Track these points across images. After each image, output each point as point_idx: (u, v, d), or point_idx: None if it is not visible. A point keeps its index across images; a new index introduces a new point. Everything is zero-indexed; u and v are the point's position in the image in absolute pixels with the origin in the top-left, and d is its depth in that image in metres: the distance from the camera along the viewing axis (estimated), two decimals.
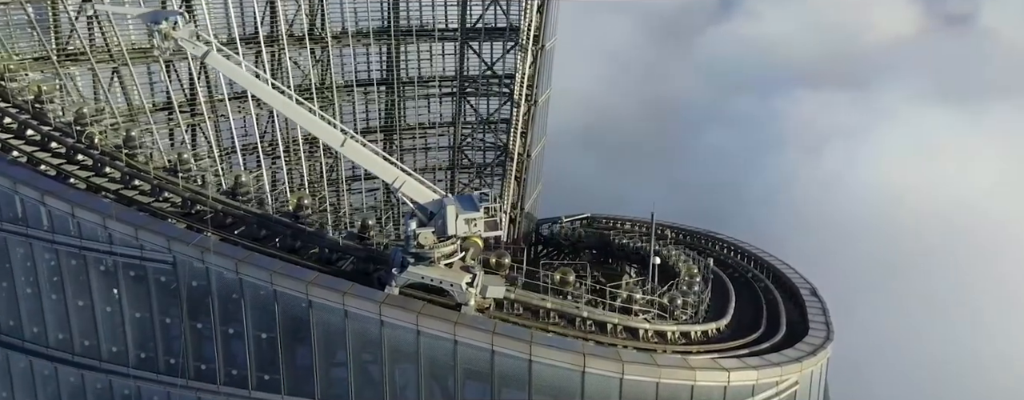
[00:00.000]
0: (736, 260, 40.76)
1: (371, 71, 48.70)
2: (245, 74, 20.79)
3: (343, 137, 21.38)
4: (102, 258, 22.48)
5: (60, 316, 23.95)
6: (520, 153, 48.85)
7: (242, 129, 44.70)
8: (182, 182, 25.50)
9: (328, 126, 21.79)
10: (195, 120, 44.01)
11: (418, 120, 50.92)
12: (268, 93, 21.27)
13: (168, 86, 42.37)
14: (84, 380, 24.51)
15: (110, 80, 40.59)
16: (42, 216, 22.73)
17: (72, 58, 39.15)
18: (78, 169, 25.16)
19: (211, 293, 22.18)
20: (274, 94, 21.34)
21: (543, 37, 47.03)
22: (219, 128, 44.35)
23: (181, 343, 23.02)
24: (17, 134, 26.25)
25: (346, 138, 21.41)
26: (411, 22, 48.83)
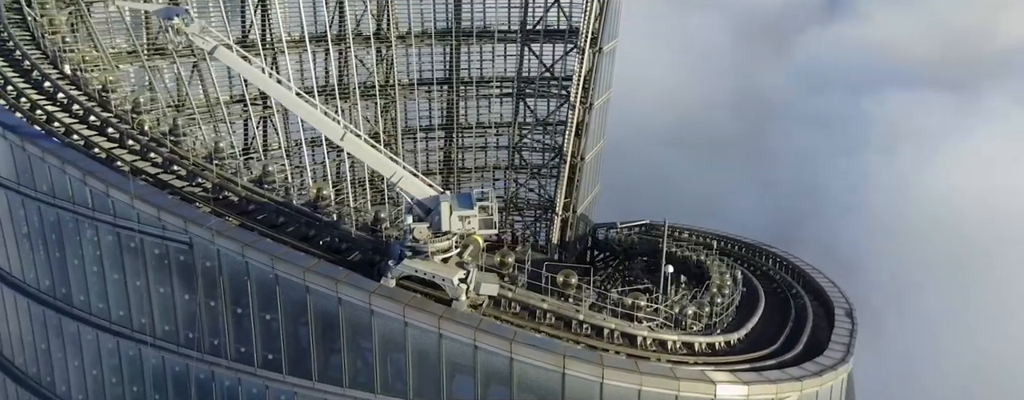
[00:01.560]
0: (783, 275, 39.73)
1: (434, 71, 50.28)
2: (252, 69, 22.29)
3: (342, 131, 22.52)
4: (132, 236, 24.61)
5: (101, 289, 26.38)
6: (574, 155, 49.07)
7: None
8: (216, 169, 27.54)
9: (329, 120, 22.97)
10: (266, 113, 46.98)
11: (478, 119, 52.09)
12: (274, 87, 22.67)
13: (243, 81, 45.40)
14: (119, 347, 26.90)
15: (190, 74, 44.03)
16: (87, 195, 25.10)
17: (160, 53, 42.73)
18: (126, 153, 27.58)
19: (222, 274, 23.87)
20: (279, 88, 22.71)
21: (601, 39, 47.03)
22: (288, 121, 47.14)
23: (197, 319, 24.88)
24: (82, 119, 29.05)
25: (345, 132, 22.54)
26: (474, 23, 50.06)
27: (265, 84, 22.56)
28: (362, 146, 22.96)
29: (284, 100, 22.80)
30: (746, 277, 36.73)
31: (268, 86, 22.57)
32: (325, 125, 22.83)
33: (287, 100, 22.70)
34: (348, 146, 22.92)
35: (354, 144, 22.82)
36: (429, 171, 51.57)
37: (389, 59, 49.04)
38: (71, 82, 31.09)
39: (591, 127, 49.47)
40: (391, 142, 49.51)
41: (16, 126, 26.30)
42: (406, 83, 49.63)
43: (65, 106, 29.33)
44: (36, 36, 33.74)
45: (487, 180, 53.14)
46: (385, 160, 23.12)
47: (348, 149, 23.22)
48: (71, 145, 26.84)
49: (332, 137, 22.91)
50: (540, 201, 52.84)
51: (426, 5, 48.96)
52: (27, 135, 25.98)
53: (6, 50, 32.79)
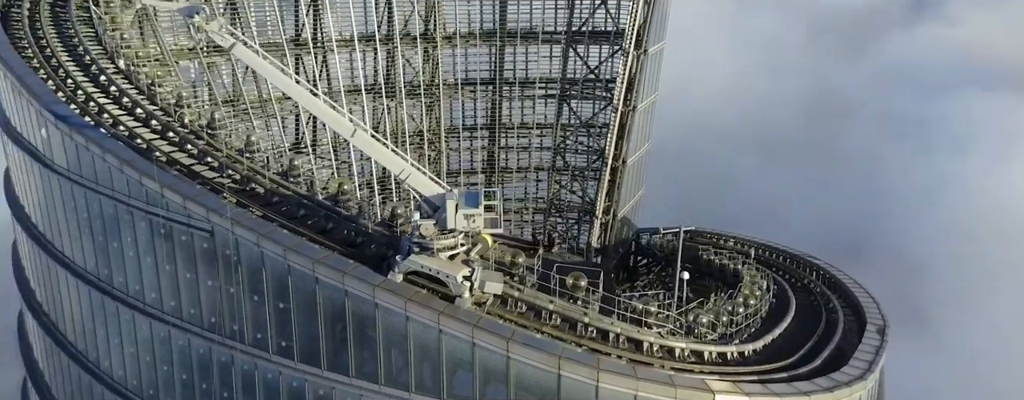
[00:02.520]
0: (822, 288, 38.76)
1: (479, 71, 50.90)
2: (268, 66, 23.25)
3: (353, 128, 23.26)
4: (162, 223, 26.05)
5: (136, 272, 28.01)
6: (616, 159, 48.84)
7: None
8: (247, 161, 28.82)
9: (341, 117, 23.74)
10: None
11: (523, 120, 52.40)
12: (289, 84, 23.56)
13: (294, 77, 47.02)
14: (151, 328, 28.49)
15: (244, 71, 45.95)
16: (124, 183, 26.70)
17: (217, 50, 44.76)
18: (166, 144, 29.18)
19: (240, 262, 25.01)
20: (294, 86, 23.59)
21: (647, 41, 46.63)
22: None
23: (219, 305, 26.13)
24: (129, 111, 30.85)
25: (356, 129, 23.26)
26: (519, 24, 50.42)
27: (281, 81, 23.53)
28: (372, 143, 23.65)
29: (299, 97, 23.73)
30: (779, 288, 36.01)
31: (283, 83, 23.53)
32: (337, 122, 23.62)
33: (301, 97, 23.61)
34: (359, 142, 23.65)
35: (364, 141, 23.53)
36: (472, 170, 52.29)
37: (435, 59, 49.88)
38: (125, 76, 33.03)
39: (634, 130, 49.05)
40: (435, 141, 50.41)
41: (67, 116, 28.17)
42: (451, 83, 50.41)
43: (116, 99, 31.19)
44: (98, 32, 35.92)
45: (529, 181, 53.39)
46: (394, 157, 23.74)
47: (359, 145, 23.95)
48: (116, 136, 28.56)
49: (344, 133, 23.69)
50: (581, 204, 52.77)
51: (473, 6, 49.61)
52: (75, 125, 27.81)
53: (71, 45, 35.06)
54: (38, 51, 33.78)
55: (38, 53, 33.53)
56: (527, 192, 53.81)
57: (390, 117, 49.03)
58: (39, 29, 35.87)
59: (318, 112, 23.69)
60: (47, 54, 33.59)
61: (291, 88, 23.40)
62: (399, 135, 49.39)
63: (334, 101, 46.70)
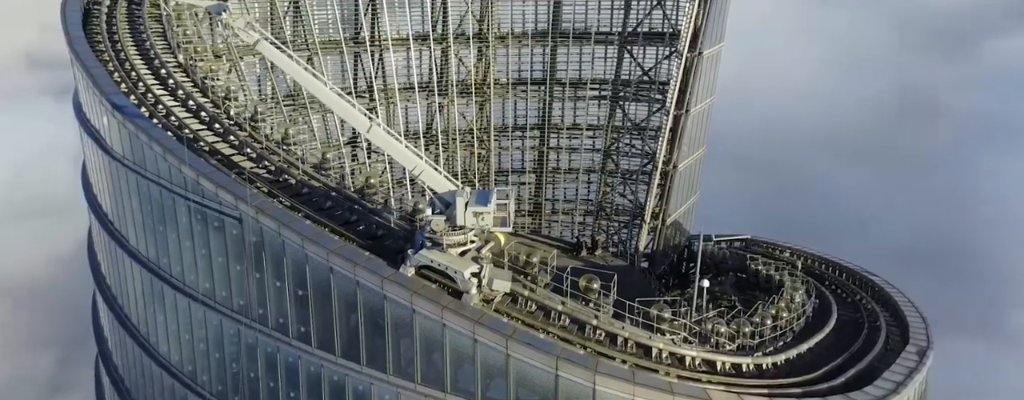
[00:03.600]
0: (874, 304, 37.34)
1: (533, 71, 51.14)
2: (290, 62, 24.28)
3: (369, 123, 24.03)
4: (200, 209, 27.62)
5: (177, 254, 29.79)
6: (666, 163, 48.22)
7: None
8: (283, 153, 30.16)
9: (357, 113, 24.54)
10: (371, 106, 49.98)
11: (575, 121, 52.30)
12: (309, 80, 24.54)
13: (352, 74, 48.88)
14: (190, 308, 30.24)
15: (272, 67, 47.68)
16: (168, 170, 28.43)
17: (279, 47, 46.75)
18: (211, 135, 30.87)
19: (264, 249, 26.24)
20: (314, 81, 24.55)
21: (701, 44, 45.84)
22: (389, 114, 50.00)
23: (246, 289, 27.48)
24: (183, 103, 32.79)
25: (371, 124, 24.02)
26: (575, 25, 50.41)
27: (301, 76, 24.54)
28: (387, 139, 24.38)
29: (318, 92, 24.66)
30: (823, 302, 34.89)
31: (304, 78, 24.54)
32: (354, 117, 24.44)
33: (320, 92, 24.55)
34: (374, 138, 24.41)
35: (380, 136, 24.27)
36: (520, 170, 52.62)
37: (488, 58, 50.46)
38: (183, 70, 35.10)
39: (687, 134, 48.28)
40: (485, 139, 51.03)
41: (123, 106, 30.21)
42: (504, 82, 50.90)
43: (172, 91, 33.21)
44: (165, 28, 38.28)
45: (579, 183, 53.25)
46: (408, 153, 24.39)
47: (374, 141, 24.71)
48: (166, 126, 30.43)
49: (359, 129, 24.51)
50: (631, 207, 52.26)
51: (528, 6, 49.94)
52: (129, 114, 29.79)
53: (140, 40, 37.50)
54: (110, 45, 36.28)
55: (109, 47, 36.01)
56: (577, 194, 53.70)
57: (442, 115, 50.00)
58: (114, 25, 38.52)
59: (336, 107, 24.60)
60: (117, 48, 36.04)
61: (311, 83, 24.39)
62: (450, 133, 50.30)
63: (389, 98, 49.26)
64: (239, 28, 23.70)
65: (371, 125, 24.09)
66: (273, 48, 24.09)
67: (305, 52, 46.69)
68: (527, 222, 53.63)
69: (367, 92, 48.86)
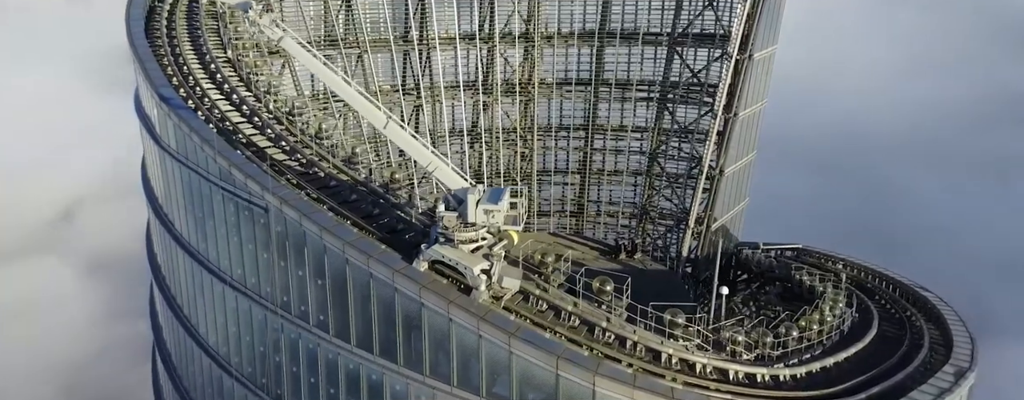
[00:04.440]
0: (923, 322, 35.98)
1: (580, 71, 51.01)
2: (311, 58, 25.07)
3: (386, 119, 24.61)
4: (231, 198, 28.86)
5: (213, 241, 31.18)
6: (712, 167, 47.41)
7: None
8: (316, 147, 31.16)
9: (374, 108, 25.14)
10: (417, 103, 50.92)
11: (621, 122, 51.86)
12: (329, 76, 25.29)
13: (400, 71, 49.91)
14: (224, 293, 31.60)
15: (355, 64, 49.16)
16: (206, 160, 29.79)
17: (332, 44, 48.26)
18: (250, 127, 32.16)
19: (288, 238, 27.21)
20: (334, 77, 25.28)
21: (752, 46, 44.89)
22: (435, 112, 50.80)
23: (272, 276, 28.55)
24: (227, 97, 34.27)
25: (388, 121, 24.59)
26: (624, 25, 50.03)
27: (323, 73, 25.33)
28: (403, 135, 24.92)
29: (338, 89, 25.38)
30: (865, 317, 33.77)
31: (325, 75, 25.31)
32: (372, 114, 25.07)
33: (341, 89, 25.26)
34: (390, 134, 24.97)
35: (396, 133, 24.84)
36: (562, 170, 52.54)
37: (533, 58, 50.60)
38: (232, 66, 36.65)
39: (735, 139, 47.37)
40: (528, 138, 51.20)
41: (170, 98, 31.81)
42: (549, 82, 50.95)
43: (219, 85, 34.74)
44: (219, 24, 40.01)
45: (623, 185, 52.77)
46: (423, 150, 24.87)
47: (391, 137, 25.28)
48: (208, 118, 31.87)
49: (377, 125, 25.12)
50: (675, 212, 51.51)
51: (577, 6, 49.85)
52: (174, 106, 31.35)
53: (195, 36, 39.34)
54: (167, 41, 38.20)
55: (166, 42, 37.93)
56: (623, 196, 53.26)
57: (486, 114, 50.49)
58: (174, 21, 40.52)
59: (355, 103, 25.28)
60: (173, 43, 37.92)
61: (332, 80, 25.16)
62: (494, 132, 50.72)
63: (435, 96, 50.06)
64: (264, 25, 24.68)
65: (388, 121, 24.67)
66: (296, 45, 24.98)
67: (354, 49, 48.05)
68: (569, 223, 53.55)
69: (414, 90, 49.81)
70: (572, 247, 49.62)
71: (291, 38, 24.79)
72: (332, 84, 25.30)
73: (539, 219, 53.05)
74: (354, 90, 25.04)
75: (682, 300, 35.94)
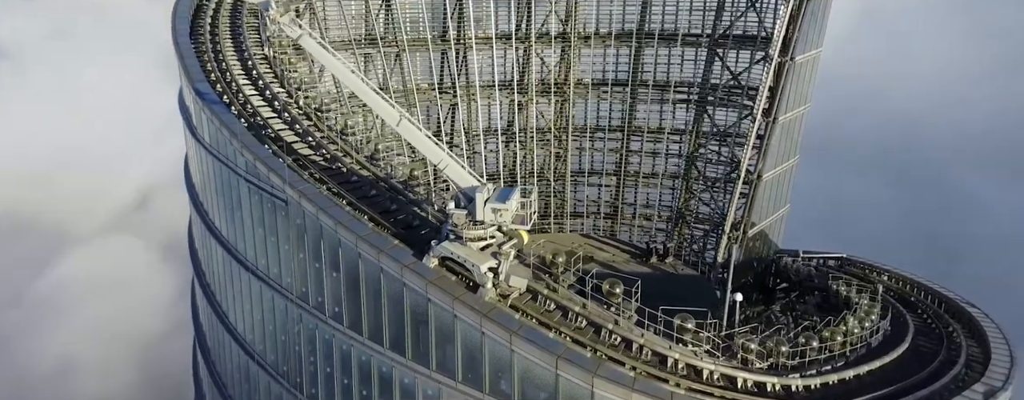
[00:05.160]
0: (964, 339, 34.90)
1: (618, 72, 50.61)
2: (328, 56, 25.57)
3: (399, 117, 25.01)
4: (256, 190, 29.77)
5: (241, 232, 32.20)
6: (750, 172, 46.53)
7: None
8: (341, 143, 31.87)
9: (388, 106, 25.55)
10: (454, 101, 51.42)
11: (660, 124, 51.26)
12: (345, 73, 25.74)
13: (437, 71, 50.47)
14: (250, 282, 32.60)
15: (393, 62, 49.97)
16: (235, 153, 30.79)
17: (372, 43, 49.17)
18: (280, 122, 33.08)
19: (306, 231, 27.93)
20: (350, 75, 25.74)
21: (794, 49, 43.88)
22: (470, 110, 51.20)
23: (292, 267, 29.33)
24: (260, 92, 35.32)
25: (401, 118, 24.99)
26: (664, 25, 49.47)
27: (338, 70, 25.83)
28: (415, 132, 25.29)
29: (354, 86, 25.86)
30: (899, 331, 32.82)
31: (341, 72, 25.80)
32: (386, 111, 25.51)
33: (356, 86, 25.74)
34: (403, 131, 25.37)
35: (409, 130, 25.22)
36: (598, 172, 52.25)
37: (569, 58, 50.48)
38: (268, 62, 37.74)
39: (775, 143, 46.37)
40: (562, 137, 51.12)
41: (205, 93, 32.99)
42: (586, 83, 50.76)
43: (254, 81, 35.84)
44: (259, 23, 41.21)
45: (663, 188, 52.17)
46: (434, 147, 25.18)
47: (403, 134, 25.66)
48: (240, 113, 32.92)
49: (390, 122, 25.54)
50: (712, 216, 50.67)
51: (616, 7, 49.53)
52: (208, 101, 32.49)
53: (237, 33, 40.64)
54: (210, 37, 39.59)
55: (209, 39, 39.31)
56: (659, 199, 52.68)
57: (521, 113, 50.62)
58: (218, 18, 41.95)
59: (369, 100, 25.74)
60: (215, 40, 39.27)
61: (347, 77, 25.67)
62: (528, 131, 50.80)
63: (471, 95, 50.46)
64: (284, 24, 25.38)
65: (400, 119, 25.09)
66: (314, 43, 25.60)
67: (393, 48, 48.86)
68: (603, 225, 53.25)
69: (451, 88, 50.32)
70: (602, 249, 49.49)
71: (309, 37, 25.41)
72: (349, 82, 25.84)
73: (572, 220, 52.92)
74: (370, 89, 25.52)
75: (713, 307, 35.50)
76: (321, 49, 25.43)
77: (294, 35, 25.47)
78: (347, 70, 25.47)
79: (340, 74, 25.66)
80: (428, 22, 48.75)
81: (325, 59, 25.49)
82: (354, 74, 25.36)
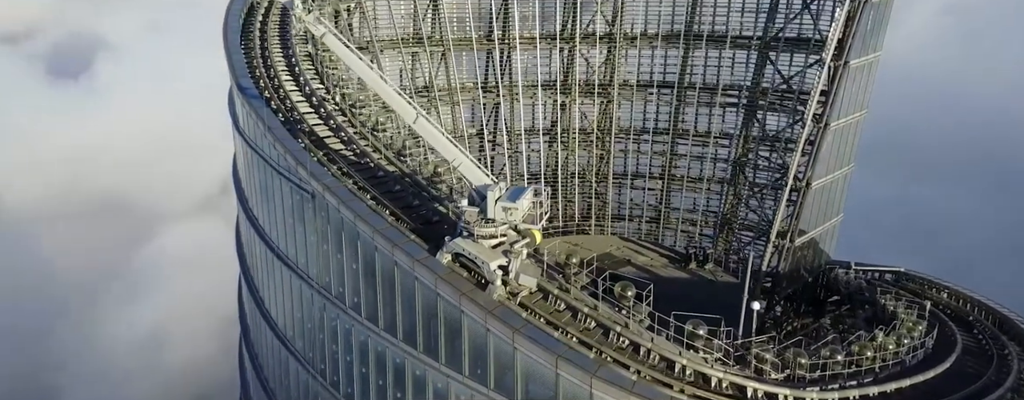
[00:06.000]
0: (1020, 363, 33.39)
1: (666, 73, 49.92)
2: (349, 54, 26.23)
3: (416, 115, 25.46)
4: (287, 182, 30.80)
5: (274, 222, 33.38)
6: (799, 179, 45.28)
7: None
8: (372, 139, 32.62)
9: (406, 104, 26.02)
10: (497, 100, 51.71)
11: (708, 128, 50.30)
12: (365, 71, 26.35)
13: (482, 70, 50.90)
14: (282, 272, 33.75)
15: (439, 61, 50.68)
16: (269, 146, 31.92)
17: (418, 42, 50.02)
18: (315, 117, 34.10)
19: (329, 223, 28.74)
20: (370, 72, 26.34)
21: (849, 52, 42.49)
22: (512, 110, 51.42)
23: (317, 258, 30.24)
24: (300, 89, 36.48)
25: (417, 116, 25.43)
26: (715, 27, 48.57)
27: (359, 68, 26.47)
28: (431, 130, 25.71)
29: (374, 84, 26.46)
30: (943, 349, 31.60)
31: (362, 70, 26.45)
32: (404, 109, 26.01)
33: (376, 84, 26.33)
34: (419, 129, 25.83)
35: (425, 128, 25.67)
36: (642, 174, 51.64)
37: (614, 59, 50.11)
38: (311, 59, 38.93)
39: (826, 150, 44.96)
40: (605, 139, 50.78)
41: (246, 88, 34.31)
42: (632, 84, 50.27)
43: (296, 77, 37.04)
44: None
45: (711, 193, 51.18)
46: (449, 145, 25.54)
47: (419, 132, 26.11)
48: (278, 108, 34.08)
49: (407, 119, 26.03)
50: (758, 224, 49.42)
51: (664, 7, 48.90)
52: (248, 95, 33.79)
53: (285, 31, 42.02)
54: (259, 35, 41.10)
55: (257, 36, 40.81)
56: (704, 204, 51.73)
57: (564, 114, 50.56)
58: (269, 16, 43.48)
59: (387, 98, 26.30)
60: (263, 37, 40.73)
61: (368, 75, 26.30)
62: (570, 132, 50.71)
63: (514, 95, 50.70)
64: (309, 22, 26.19)
65: (417, 117, 25.55)
66: (336, 41, 26.33)
67: (438, 47, 49.55)
68: (646, 228, 52.63)
69: (494, 88, 50.69)
70: (641, 253, 48.95)
71: (332, 35, 26.15)
72: (368, 79, 26.47)
73: (614, 223, 52.52)
74: (388, 86, 26.09)
75: (747, 315, 34.63)
76: (343, 47, 26.15)
77: (318, 33, 26.25)
78: (367, 68, 26.12)
79: (360, 71, 26.32)
80: (473, 22, 49.26)
81: (346, 57, 26.20)
82: (374, 71, 25.96)
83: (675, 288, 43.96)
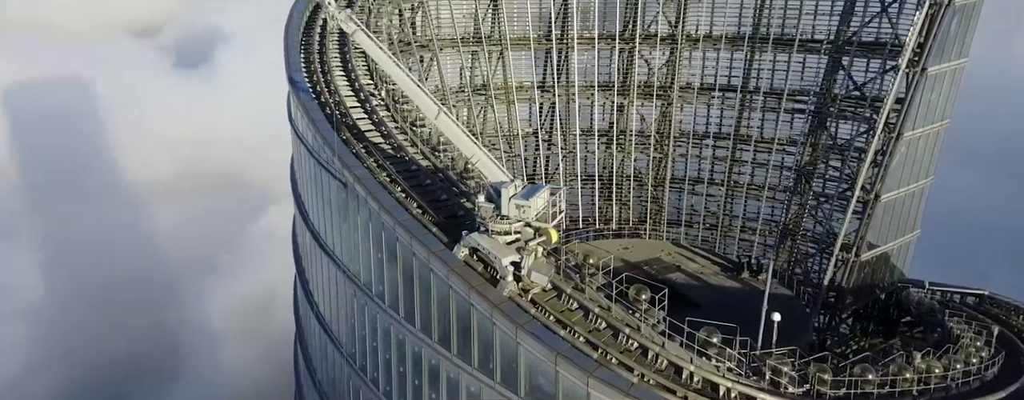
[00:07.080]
0: None
1: (731, 77, 48.44)
2: (378, 51, 26.85)
3: (438, 111, 25.88)
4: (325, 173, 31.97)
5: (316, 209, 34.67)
6: (867, 191, 43.32)
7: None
8: (410, 133, 33.40)
9: (428, 100, 26.45)
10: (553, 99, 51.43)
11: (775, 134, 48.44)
12: (392, 68, 26.92)
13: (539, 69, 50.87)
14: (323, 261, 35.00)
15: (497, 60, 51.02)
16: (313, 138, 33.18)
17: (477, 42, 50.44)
18: (360, 110, 35.20)
19: (359, 213, 29.63)
20: (397, 70, 26.91)
21: (927, 59, 40.29)
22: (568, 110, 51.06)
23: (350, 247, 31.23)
24: (351, 84, 37.70)
25: (439, 112, 25.84)
26: (785, 30, 46.84)
27: (387, 65, 27.08)
28: (452, 127, 26.08)
29: (399, 79, 27.04)
30: (1004, 378, 29.72)
31: (389, 66, 27.06)
32: (425, 105, 26.51)
33: (401, 80, 26.91)
34: (440, 125, 26.27)
35: (446, 124, 26.09)
36: (701, 180, 50.31)
37: (675, 61, 49.08)
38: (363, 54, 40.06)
39: (898, 162, 42.81)
40: (664, 142, 49.80)
41: (297, 81, 35.77)
42: (695, 87, 49.10)
43: (347, 72, 38.33)
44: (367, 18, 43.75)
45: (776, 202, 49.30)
46: (468, 142, 25.84)
47: (440, 127, 26.54)
48: (324, 102, 35.35)
49: (429, 115, 26.51)
50: (823, 235, 47.21)
51: (730, 9, 47.52)
52: (299, 88, 35.22)
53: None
54: (319, 31, 42.69)
55: (318, 33, 42.41)
56: (765, 213, 49.93)
57: (621, 116, 49.94)
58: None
59: (411, 93, 26.84)
60: (322, 34, 42.24)
61: (394, 71, 26.91)
62: (628, 134, 50.00)
63: (570, 95, 50.52)
64: (341, 20, 27.05)
65: (438, 112, 26.01)
66: (366, 38, 27.07)
67: (497, 46, 49.94)
68: (703, 235, 51.30)
69: (550, 87, 50.60)
70: (692, 259, 47.73)
71: (362, 32, 26.92)
72: (394, 75, 27.09)
73: (670, 228, 51.43)
74: (413, 82, 26.65)
75: (797, 330, 33.14)
76: (371, 43, 26.89)
77: (349, 30, 27.11)
78: (393, 64, 26.75)
79: (387, 67, 27.01)
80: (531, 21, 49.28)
81: (374, 53, 26.93)
82: (399, 68, 26.59)
83: (721, 296, 42.74)
